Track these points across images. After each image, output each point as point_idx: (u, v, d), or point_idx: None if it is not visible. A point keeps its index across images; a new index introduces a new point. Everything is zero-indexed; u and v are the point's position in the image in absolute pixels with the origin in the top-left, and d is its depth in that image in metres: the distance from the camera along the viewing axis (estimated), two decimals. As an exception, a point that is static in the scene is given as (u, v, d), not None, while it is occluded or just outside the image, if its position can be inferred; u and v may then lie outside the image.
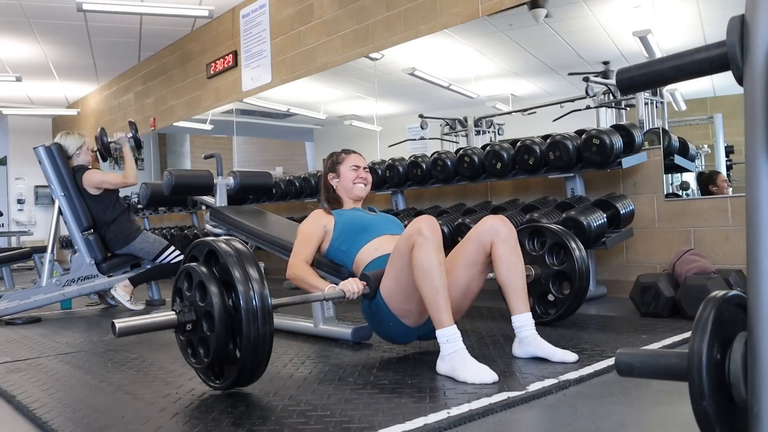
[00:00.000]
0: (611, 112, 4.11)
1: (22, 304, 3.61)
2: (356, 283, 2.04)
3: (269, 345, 1.64)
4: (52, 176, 3.86)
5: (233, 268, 1.62)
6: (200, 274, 1.68)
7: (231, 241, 1.72)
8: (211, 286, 1.65)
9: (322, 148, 6.73)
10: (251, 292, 1.60)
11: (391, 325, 2.09)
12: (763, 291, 0.82)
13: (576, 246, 2.54)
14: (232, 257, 1.64)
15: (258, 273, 1.64)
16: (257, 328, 1.59)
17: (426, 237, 1.84)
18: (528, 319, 2.03)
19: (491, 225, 2.07)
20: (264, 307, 1.61)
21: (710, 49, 0.88)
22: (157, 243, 4.02)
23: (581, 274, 2.50)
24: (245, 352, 1.60)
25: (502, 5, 4.06)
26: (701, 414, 0.88)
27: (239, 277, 1.60)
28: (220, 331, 1.63)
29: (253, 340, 1.59)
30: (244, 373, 1.66)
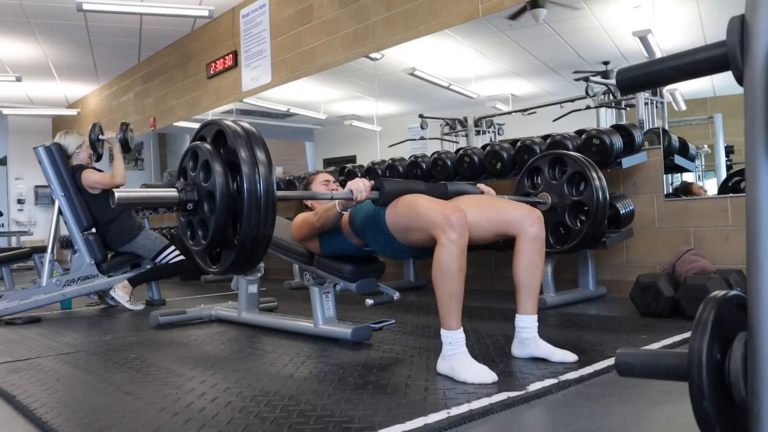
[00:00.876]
0: (611, 112, 4.12)
1: (22, 304, 3.61)
2: (363, 183, 2.00)
3: (270, 231, 1.57)
4: (52, 176, 3.86)
5: (240, 149, 1.55)
6: (206, 152, 1.61)
7: (239, 122, 1.68)
8: (216, 165, 1.58)
9: (322, 148, 6.73)
10: (256, 175, 1.53)
11: (394, 244, 2.07)
12: (763, 291, 0.82)
13: (597, 176, 2.47)
14: (240, 138, 1.57)
15: (266, 156, 1.58)
16: (259, 207, 1.52)
17: (452, 240, 1.79)
18: (533, 322, 2.02)
19: (525, 217, 2.00)
20: (268, 192, 1.55)
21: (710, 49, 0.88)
22: (158, 241, 4.02)
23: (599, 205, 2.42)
24: (245, 232, 1.53)
25: (502, 5, 4.06)
26: (701, 414, 0.88)
27: (245, 158, 1.54)
28: (220, 213, 1.56)
29: (253, 224, 1.52)
30: (243, 254, 1.59)
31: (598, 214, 2.42)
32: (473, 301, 3.37)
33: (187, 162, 1.70)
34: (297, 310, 3.26)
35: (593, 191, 2.42)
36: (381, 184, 2.02)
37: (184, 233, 1.75)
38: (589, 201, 2.43)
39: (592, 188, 2.42)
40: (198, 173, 1.64)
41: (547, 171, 2.55)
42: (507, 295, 3.51)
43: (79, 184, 3.91)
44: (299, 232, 2.41)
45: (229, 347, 2.53)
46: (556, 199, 2.49)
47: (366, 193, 1.98)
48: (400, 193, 2.03)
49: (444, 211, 1.84)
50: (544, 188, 2.48)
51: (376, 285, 2.42)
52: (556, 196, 2.50)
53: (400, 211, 2.00)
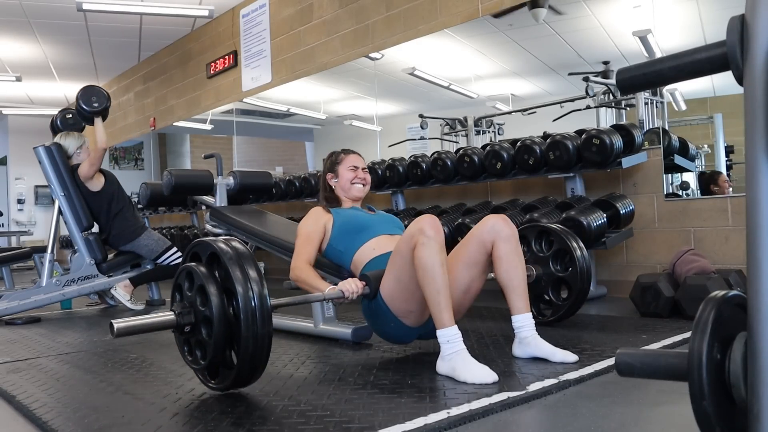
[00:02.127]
0: (611, 112, 4.11)
1: (22, 304, 3.61)
2: (355, 283, 2.04)
3: (268, 347, 1.64)
4: (52, 176, 3.86)
5: (232, 269, 1.61)
6: (201, 276, 1.67)
7: (231, 242, 1.72)
8: (211, 289, 1.64)
9: (322, 148, 6.73)
10: (250, 293, 1.59)
11: (391, 325, 2.09)
12: (763, 291, 0.82)
13: (578, 246, 2.53)
14: (231, 258, 1.64)
15: (257, 274, 1.64)
16: (256, 331, 1.58)
17: (429, 236, 1.84)
18: (528, 320, 2.03)
19: (492, 224, 2.06)
20: (263, 308, 1.61)
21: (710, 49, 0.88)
22: (161, 242, 4.02)
23: (582, 277, 2.50)
24: (243, 356, 1.60)
25: (502, 5, 4.06)
26: (701, 414, 0.88)
27: (239, 278, 1.60)
28: (218, 337, 1.63)
29: (251, 344, 1.59)
30: (242, 376, 1.66)
31: (582, 287, 2.51)
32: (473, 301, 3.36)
33: (182, 280, 1.77)
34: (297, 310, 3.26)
35: (576, 268, 2.48)
36: (368, 279, 2.07)
37: (182, 351, 1.82)
38: (572, 279, 2.49)
39: (575, 266, 2.48)
40: (194, 296, 1.70)
41: (534, 243, 2.60)
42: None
43: (79, 183, 3.91)
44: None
45: (229, 347, 2.52)
46: (541, 271, 2.56)
47: (358, 292, 2.03)
48: (382, 275, 2.07)
49: (414, 222, 1.90)
50: (530, 259, 2.54)
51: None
52: (540, 268, 2.56)
53: (387, 269, 2.04)
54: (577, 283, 2.49)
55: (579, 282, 2.49)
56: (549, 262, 2.57)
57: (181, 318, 1.70)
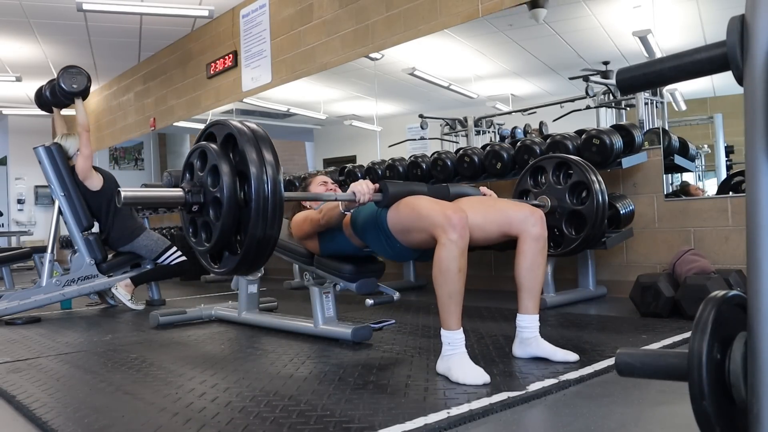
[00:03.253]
0: (611, 112, 4.12)
1: (22, 304, 3.61)
2: (367, 185, 1.99)
3: (277, 233, 1.57)
4: (52, 176, 3.86)
5: (248, 151, 1.53)
6: (215, 155, 1.59)
7: (247, 122, 1.66)
8: (224, 168, 1.56)
9: (322, 148, 6.73)
10: (264, 176, 1.52)
11: (395, 245, 2.07)
12: (763, 291, 0.82)
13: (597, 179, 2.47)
14: (248, 139, 1.56)
15: (273, 158, 1.57)
16: (266, 216, 1.51)
17: (452, 240, 1.79)
18: (535, 322, 2.02)
19: (527, 216, 2.01)
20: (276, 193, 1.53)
21: (710, 49, 0.88)
22: (160, 242, 4.02)
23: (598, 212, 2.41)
24: (250, 240, 1.53)
25: (503, 5, 4.06)
26: (701, 414, 0.88)
27: (254, 160, 1.52)
28: (226, 219, 1.55)
29: (260, 229, 1.52)
30: (247, 260, 1.59)
31: (596, 222, 2.43)
32: (473, 301, 3.37)
33: (194, 159, 1.69)
34: (297, 310, 3.26)
35: (593, 202, 2.42)
36: (384, 186, 2.01)
37: (187, 231, 1.75)
38: (588, 212, 2.43)
39: (593, 199, 2.42)
40: (206, 176, 1.62)
41: (552, 174, 2.55)
42: (507, 295, 3.51)
43: (79, 183, 3.91)
44: (300, 230, 2.40)
45: (229, 347, 2.53)
46: (556, 203, 2.49)
47: (369, 195, 1.98)
48: (403, 195, 2.03)
49: (445, 211, 1.84)
50: (546, 191, 2.48)
51: (376, 285, 2.42)
52: (556, 200, 2.50)
53: (401, 212, 2.00)
54: (592, 216, 2.42)
55: (594, 216, 2.41)
56: (566, 194, 2.50)
57: (190, 196, 1.62)
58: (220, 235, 1.57)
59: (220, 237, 1.58)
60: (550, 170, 2.55)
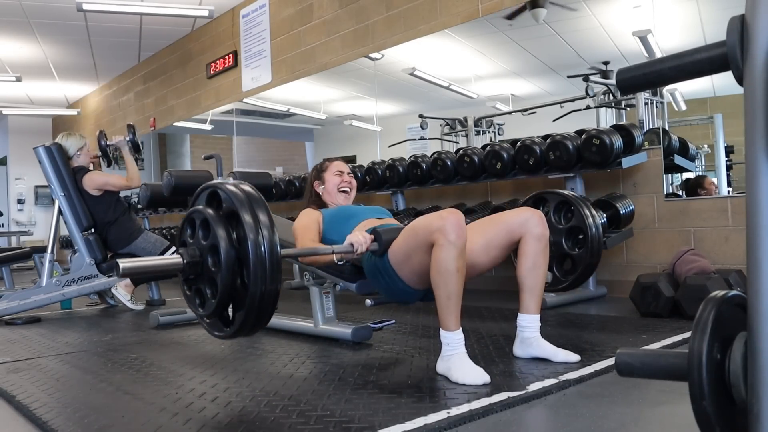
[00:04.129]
0: (611, 112, 4.11)
1: (22, 304, 3.61)
2: (363, 236, 2.00)
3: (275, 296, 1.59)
4: (52, 176, 3.86)
5: (242, 213, 1.55)
6: (210, 220, 1.61)
7: (241, 185, 1.67)
8: (220, 233, 1.58)
9: (322, 148, 6.73)
10: (260, 238, 1.53)
11: (398, 285, 2.06)
12: (763, 291, 0.82)
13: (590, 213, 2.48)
14: (242, 202, 1.58)
15: (268, 219, 1.58)
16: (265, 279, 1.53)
17: (450, 241, 1.78)
18: (536, 322, 2.02)
19: (527, 218, 2.02)
20: (272, 255, 1.55)
21: (710, 49, 0.88)
22: (158, 243, 4.02)
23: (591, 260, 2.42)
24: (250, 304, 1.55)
25: (503, 5, 4.06)
26: (701, 414, 0.88)
27: (249, 223, 1.54)
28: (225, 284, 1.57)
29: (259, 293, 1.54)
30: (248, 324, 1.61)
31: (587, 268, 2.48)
32: (473, 301, 3.37)
33: (189, 226, 1.71)
34: (297, 310, 3.26)
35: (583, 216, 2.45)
36: (378, 234, 2.03)
37: (186, 297, 1.76)
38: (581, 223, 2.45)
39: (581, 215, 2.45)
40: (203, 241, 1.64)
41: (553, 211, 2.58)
42: (507, 295, 3.51)
43: (80, 185, 3.91)
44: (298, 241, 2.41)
45: (229, 347, 2.53)
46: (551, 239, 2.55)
47: (366, 245, 2.00)
48: (396, 237, 2.04)
49: (440, 214, 1.85)
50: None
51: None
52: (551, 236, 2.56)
53: (399, 240, 2.01)
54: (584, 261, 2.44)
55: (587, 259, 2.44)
56: (562, 236, 2.52)
57: (188, 263, 1.63)
58: (221, 298, 1.60)
59: (220, 301, 1.61)
60: (552, 206, 2.57)
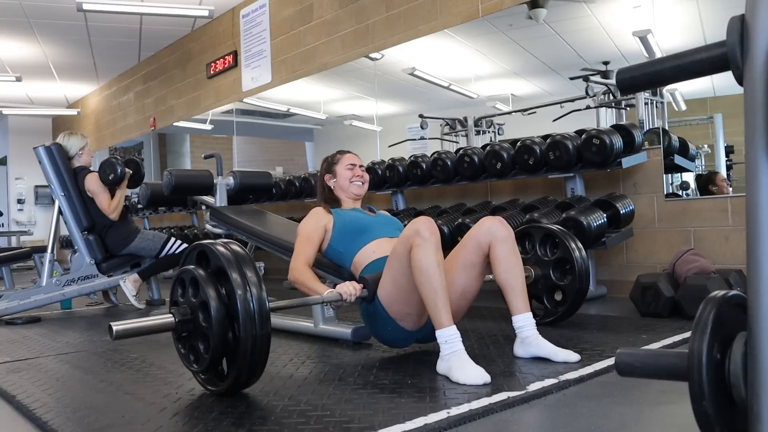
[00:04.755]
0: (611, 112, 4.11)
1: (22, 304, 3.61)
2: (353, 286, 2.04)
3: (266, 348, 1.63)
4: (52, 176, 3.86)
5: (231, 272, 1.61)
6: (199, 279, 1.67)
7: (229, 245, 1.72)
8: (210, 292, 1.64)
9: (322, 148, 6.72)
10: (249, 296, 1.59)
11: (389, 328, 2.08)
12: (763, 291, 0.82)
13: (576, 246, 2.53)
14: (229, 261, 1.64)
15: (256, 276, 1.64)
16: (255, 333, 1.58)
17: (424, 238, 1.84)
18: (529, 319, 2.03)
19: (489, 226, 2.07)
20: (261, 310, 1.60)
21: (710, 49, 0.88)
22: (156, 239, 4.02)
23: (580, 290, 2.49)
24: (242, 359, 1.60)
25: (503, 5, 4.06)
26: (701, 414, 0.88)
27: (237, 281, 1.60)
28: (217, 340, 1.62)
29: (250, 347, 1.58)
30: (241, 378, 1.65)
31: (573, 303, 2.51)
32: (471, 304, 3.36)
33: (180, 286, 1.76)
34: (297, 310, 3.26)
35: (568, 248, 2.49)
36: (366, 282, 2.06)
37: (186, 360, 1.80)
38: (569, 290, 2.49)
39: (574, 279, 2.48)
40: (194, 300, 1.70)
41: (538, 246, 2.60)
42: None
43: (80, 185, 3.91)
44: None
45: (229, 347, 2.52)
46: (540, 272, 2.56)
47: (356, 294, 2.02)
48: (379, 277, 2.06)
49: (411, 224, 1.91)
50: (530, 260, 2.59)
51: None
52: (540, 269, 2.57)
53: (384, 272, 2.03)
54: (572, 293, 2.50)
55: (575, 293, 2.49)
56: (550, 268, 2.56)
57: (180, 321, 1.69)
58: (213, 353, 1.65)
59: (213, 355, 1.65)
60: (537, 241, 2.60)
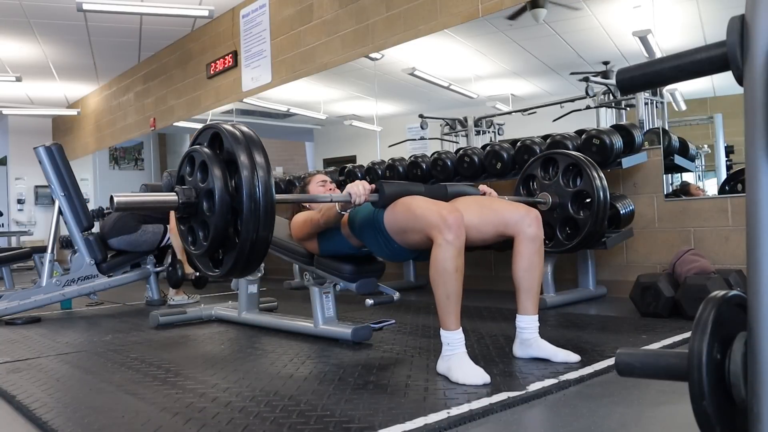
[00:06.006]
0: (611, 112, 4.11)
1: (22, 304, 3.61)
2: (363, 185, 1.99)
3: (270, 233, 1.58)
4: (52, 176, 3.86)
5: (238, 153, 1.54)
6: (203, 155, 1.60)
7: (238, 125, 1.67)
8: (214, 168, 1.57)
9: (322, 148, 6.73)
10: (255, 179, 1.52)
11: (392, 246, 2.07)
12: (763, 291, 0.82)
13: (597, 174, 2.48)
14: (239, 142, 1.57)
15: (264, 159, 1.58)
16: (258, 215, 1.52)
17: (449, 241, 1.79)
18: (534, 322, 2.02)
19: (522, 217, 2.00)
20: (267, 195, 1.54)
21: (710, 49, 0.88)
22: (156, 230, 4.05)
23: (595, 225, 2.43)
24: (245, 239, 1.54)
25: (503, 5, 4.06)
26: (701, 414, 0.88)
27: (245, 163, 1.53)
28: (220, 213, 1.56)
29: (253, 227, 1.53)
30: (242, 260, 1.60)
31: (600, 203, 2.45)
32: (473, 301, 3.37)
33: (184, 168, 1.70)
34: (297, 310, 3.26)
35: (591, 180, 2.45)
36: (381, 186, 2.01)
37: (185, 239, 1.76)
38: (588, 188, 2.45)
39: (589, 177, 2.45)
40: (195, 174, 1.63)
41: (540, 173, 2.57)
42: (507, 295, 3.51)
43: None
44: (300, 231, 2.40)
45: (229, 347, 2.53)
46: (557, 199, 2.50)
47: (365, 196, 1.98)
48: (399, 195, 2.03)
49: (440, 211, 1.84)
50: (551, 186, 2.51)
51: (376, 285, 2.42)
52: (556, 195, 2.51)
53: (397, 213, 1.99)
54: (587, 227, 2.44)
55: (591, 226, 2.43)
56: (568, 201, 2.51)
57: (182, 195, 1.62)
58: (214, 235, 1.58)
59: (214, 238, 1.58)
60: (538, 171, 2.57)
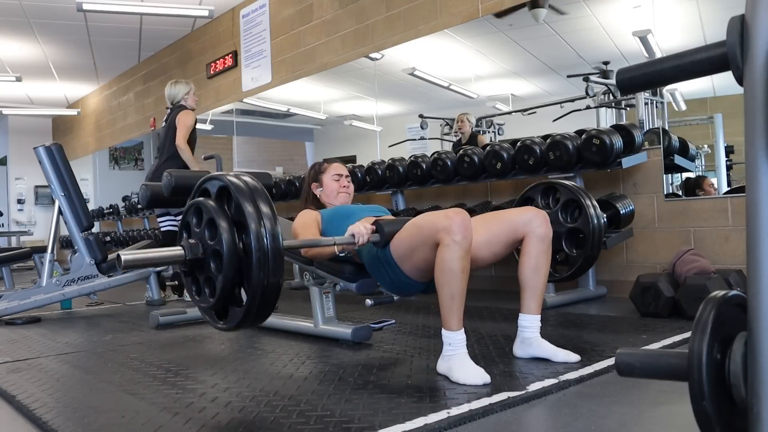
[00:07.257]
0: (611, 112, 4.11)
1: (22, 304, 3.61)
2: (364, 226, 2.00)
3: (280, 279, 1.57)
4: (52, 176, 3.86)
5: (244, 204, 1.53)
6: (211, 210, 1.59)
7: (242, 176, 1.66)
8: (222, 224, 1.56)
9: (322, 148, 6.73)
10: (263, 230, 1.52)
11: (400, 278, 2.06)
12: (763, 291, 0.82)
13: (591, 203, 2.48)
14: (243, 193, 1.56)
15: (270, 209, 1.57)
16: (268, 265, 1.51)
17: (456, 241, 1.78)
18: (536, 322, 2.02)
19: (531, 218, 2.02)
20: (275, 245, 1.53)
21: (710, 49, 0.88)
22: None
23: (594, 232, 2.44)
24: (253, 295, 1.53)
25: (503, 5, 4.06)
26: (701, 414, 0.88)
27: (251, 214, 1.52)
28: (228, 271, 1.55)
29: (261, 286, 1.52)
30: (252, 312, 1.59)
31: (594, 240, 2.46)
32: (473, 301, 3.36)
33: (190, 218, 1.69)
34: (297, 310, 3.26)
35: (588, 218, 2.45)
36: (380, 226, 2.02)
37: (189, 289, 1.75)
38: (585, 228, 2.45)
39: (587, 215, 2.45)
40: (203, 231, 1.62)
41: (541, 201, 2.57)
42: (507, 295, 3.51)
43: (172, 121, 4.42)
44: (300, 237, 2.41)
45: (229, 347, 2.53)
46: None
47: (368, 236, 1.99)
48: (397, 231, 2.03)
49: (447, 213, 1.85)
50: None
51: (376, 285, 2.42)
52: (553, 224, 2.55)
53: (402, 235, 2.00)
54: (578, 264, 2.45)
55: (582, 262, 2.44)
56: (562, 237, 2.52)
57: (189, 252, 1.61)
58: (223, 289, 1.58)
59: (222, 291, 1.58)
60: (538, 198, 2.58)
